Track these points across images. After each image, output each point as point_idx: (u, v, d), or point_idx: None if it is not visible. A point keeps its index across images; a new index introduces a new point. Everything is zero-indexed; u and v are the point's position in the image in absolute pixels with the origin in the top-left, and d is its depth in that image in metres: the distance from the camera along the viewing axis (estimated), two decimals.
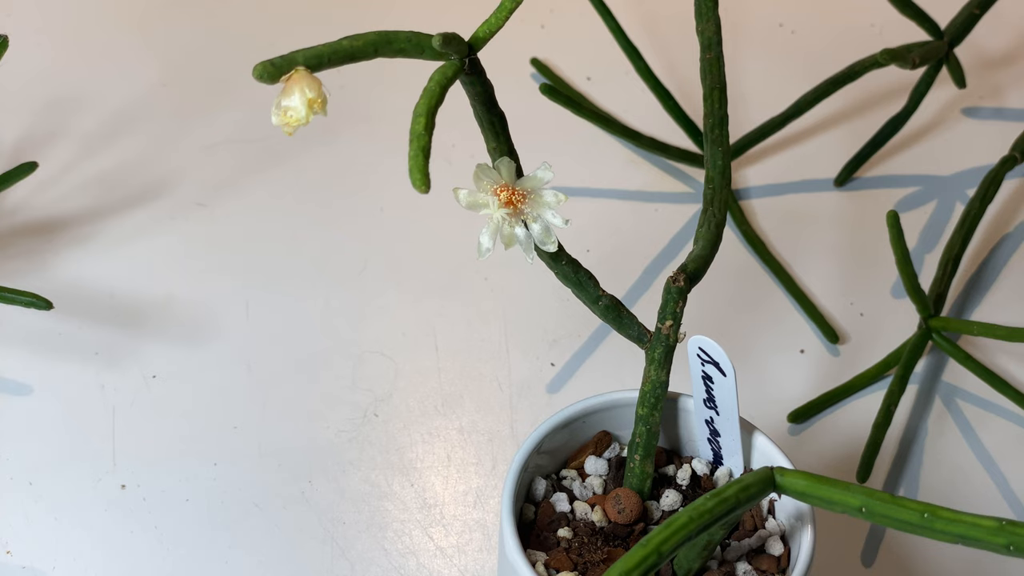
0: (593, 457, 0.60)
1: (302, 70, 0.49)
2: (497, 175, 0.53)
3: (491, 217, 0.52)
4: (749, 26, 0.92)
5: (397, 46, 0.52)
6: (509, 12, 0.53)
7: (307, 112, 0.49)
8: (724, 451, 0.60)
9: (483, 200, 0.52)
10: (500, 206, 0.52)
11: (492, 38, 0.52)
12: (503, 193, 0.52)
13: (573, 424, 0.60)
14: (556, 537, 0.58)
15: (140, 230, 0.81)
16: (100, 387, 0.74)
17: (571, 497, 0.59)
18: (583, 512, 0.58)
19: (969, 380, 0.75)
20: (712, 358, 0.55)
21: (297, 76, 0.49)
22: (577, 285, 0.57)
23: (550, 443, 0.60)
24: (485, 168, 0.52)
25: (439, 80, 0.51)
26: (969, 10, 0.81)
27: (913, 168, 0.86)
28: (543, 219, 0.53)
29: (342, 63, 0.50)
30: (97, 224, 0.81)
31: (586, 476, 0.60)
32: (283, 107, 0.49)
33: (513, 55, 0.91)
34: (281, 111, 0.49)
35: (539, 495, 0.59)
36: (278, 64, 0.48)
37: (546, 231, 0.53)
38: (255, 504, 0.69)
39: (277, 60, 0.48)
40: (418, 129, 0.50)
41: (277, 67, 0.48)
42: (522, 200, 0.53)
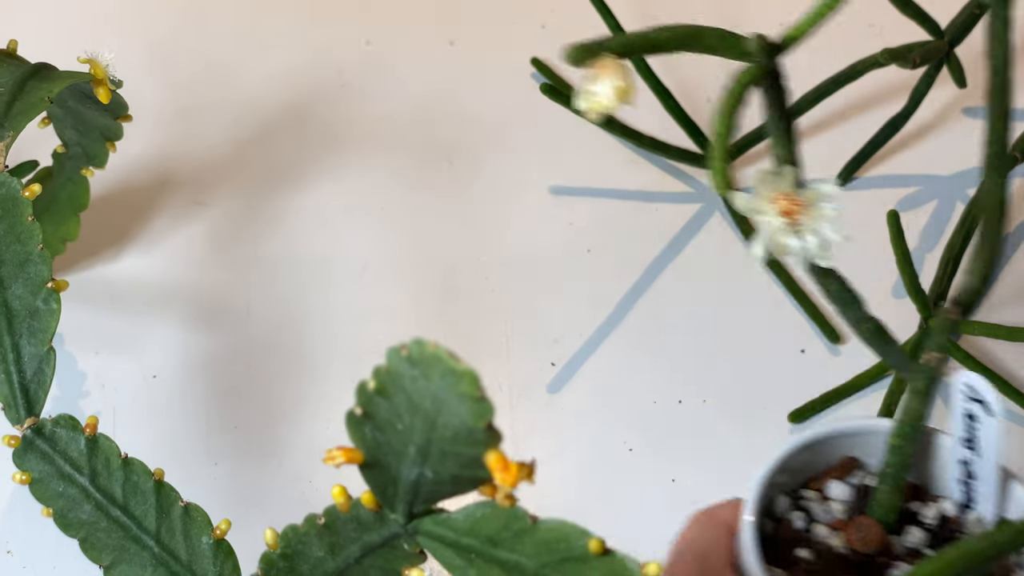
0: (836, 481, 0.59)
1: (612, 58, 0.50)
2: (778, 183, 0.52)
3: (767, 224, 0.52)
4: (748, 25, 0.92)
5: (706, 42, 0.52)
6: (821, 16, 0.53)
7: (615, 99, 0.49)
8: (978, 495, 0.58)
9: (761, 207, 0.52)
10: (777, 214, 0.52)
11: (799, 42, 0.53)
12: (782, 201, 0.52)
13: (818, 446, 0.59)
14: (795, 556, 0.57)
15: (139, 230, 0.81)
16: (100, 387, 0.74)
17: (809, 518, 0.59)
18: (822, 535, 0.57)
19: None
20: (979, 396, 0.54)
21: (606, 63, 0.50)
22: (843, 304, 0.56)
23: (793, 462, 0.59)
24: (767, 175, 0.52)
25: (743, 82, 0.52)
26: (970, 10, 0.81)
27: (913, 168, 0.86)
28: (820, 233, 0.52)
29: (650, 52, 0.51)
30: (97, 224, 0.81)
31: (827, 499, 0.59)
32: (591, 92, 0.49)
33: (513, 55, 0.90)
34: (588, 96, 0.49)
35: (779, 512, 0.59)
36: (589, 48, 0.49)
37: (822, 245, 0.52)
38: (255, 504, 0.69)
39: (589, 44, 0.48)
40: (720, 129, 0.50)
41: (589, 51, 0.48)
42: (800, 211, 0.52)
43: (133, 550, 0.49)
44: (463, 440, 0.44)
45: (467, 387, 0.43)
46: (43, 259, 0.50)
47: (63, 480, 0.49)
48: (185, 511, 0.50)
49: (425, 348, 0.44)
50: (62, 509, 0.49)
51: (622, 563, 0.46)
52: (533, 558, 0.46)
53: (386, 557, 0.49)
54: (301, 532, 0.49)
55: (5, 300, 0.50)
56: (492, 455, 0.44)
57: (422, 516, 0.48)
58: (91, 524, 0.50)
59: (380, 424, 0.46)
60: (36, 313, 0.50)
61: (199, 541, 0.50)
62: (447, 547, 0.47)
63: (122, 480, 0.50)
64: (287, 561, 0.50)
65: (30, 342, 0.49)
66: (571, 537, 0.46)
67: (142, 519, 0.49)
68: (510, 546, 0.46)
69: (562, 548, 0.46)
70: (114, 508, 0.49)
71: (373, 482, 0.47)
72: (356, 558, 0.49)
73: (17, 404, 0.49)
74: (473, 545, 0.47)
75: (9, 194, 0.51)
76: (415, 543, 0.48)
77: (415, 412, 0.44)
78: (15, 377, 0.49)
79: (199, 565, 0.50)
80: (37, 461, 0.49)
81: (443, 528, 0.47)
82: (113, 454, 0.49)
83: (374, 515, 0.48)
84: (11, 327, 0.49)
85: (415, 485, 0.46)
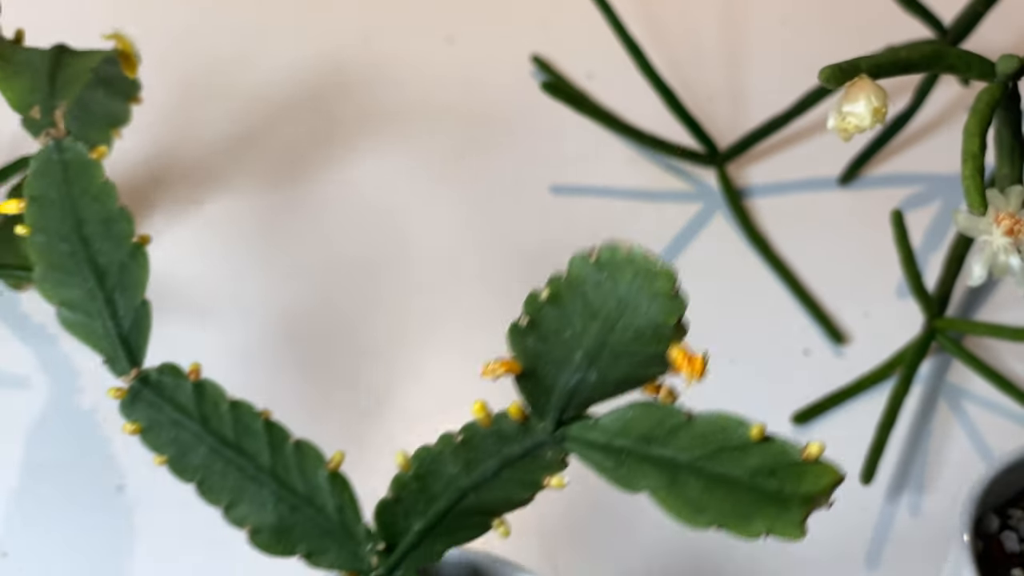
0: None
1: (866, 77, 0.50)
2: (1004, 202, 0.52)
3: (989, 244, 0.52)
4: (751, 22, 0.92)
5: (948, 61, 0.53)
6: None
7: (871, 119, 0.49)
8: None
9: (983, 226, 0.52)
10: (1001, 234, 0.52)
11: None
12: (1006, 221, 0.52)
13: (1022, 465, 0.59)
14: None
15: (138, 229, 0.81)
16: (98, 387, 0.73)
17: (1020, 537, 0.58)
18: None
19: (974, 381, 0.75)
20: None
21: (862, 83, 0.50)
22: None
23: (998, 481, 0.59)
24: (994, 194, 0.52)
25: (988, 101, 0.52)
26: (974, 7, 0.81)
27: (918, 167, 0.86)
28: None
29: (899, 73, 0.52)
30: None
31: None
32: (844, 112, 0.49)
33: (514, 52, 0.90)
34: (842, 116, 0.49)
35: (991, 530, 0.58)
36: (844, 69, 0.49)
37: None
38: None
39: (844, 65, 0.49)
40: (972, 149, 0.51)
41: (844, 72, 0.49)
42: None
43: (251, 488, 0.51)
44: (646, 339, 0.45)
45: (663, 285, 0.45)
46: (124, 216, 0.51)
47: (174, 426, 0.51)
48: (297, 447, 0.51)
49: (617, 252, 0.45)
50: (176, 455, 0.51)
51: (782, 447, 0.46)
52: (687, 451, 0.46)
53: (525, 468, 0.49)
54: (435, 452, 0.50)
55: (92, 257, 0.51)
56: (676, 350, 0.45)
57: (570, 423, 0.48)
58: (207, 467, 0.51)
59: (544, 333, 0.47)
60: (125, 268, 0.51)
61: (314, 474, 0.51)
62: (596, 450, 0.48)
63: (232, 422, 0.51)
64: (419, 482, 0.50)
65: (123, 296, 0.51)
66: (729, 428, 0.46)
67: (256, 457, 0.51)
68: (664, 442, 0.46)
69: (719, 439, 0.46)
70: (228, 449, 0.51)
71: (526, 392, 0.48)
72: (493, 471, 0.50)
73: (120, 357, 0.51)
74: (625, 445, 0.47)
75: (78, 157, 0.52)
76: (561, 450, 0.49)
77: (592, 317, 0.46)
78: (114, 331, 0.50)
79: (317, 497, 0.51)
80: (146, 410, 0.51)
81: (593, 432, 0.48)
82: (221, 397, 0.51)
83: (518, 427, 0.49)
84: (103, 283, 0.51)
85: (572, 392, 0.47)
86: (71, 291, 0.51)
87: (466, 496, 0.50)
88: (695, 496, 0.46)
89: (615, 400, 0.48)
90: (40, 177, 0.52)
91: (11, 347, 0.75)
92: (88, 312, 0.51)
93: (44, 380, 0.74)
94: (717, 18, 0.93)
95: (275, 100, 0.88)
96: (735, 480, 0.46)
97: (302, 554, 0.51)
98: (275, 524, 0.51)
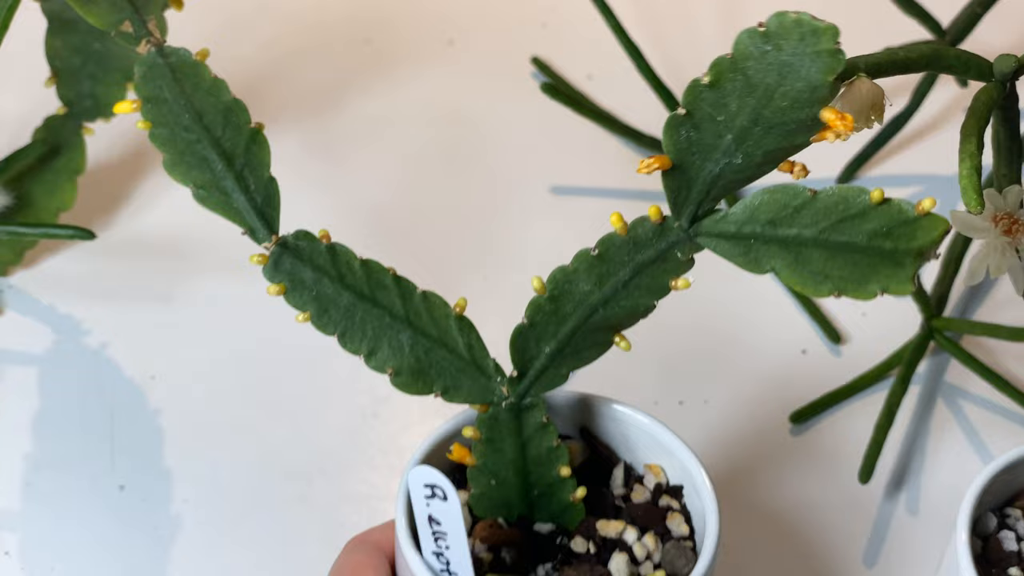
0: None
1: (864, 77, 0.50)
2: (1001, 202, 0.52)
3: (986, 244, 0.52)
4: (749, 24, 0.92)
5: (946, 62, 0.54)
6: None
7: (867, 118, 0.50)
8: None
9: (981, 225, 0.52)
10: (999, 234, 0.52)
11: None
12: (1004, 221, 0.52)
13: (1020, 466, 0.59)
14: (1007, 575, 0.57)
15: (138, 229, 0.81)
16: (100, 387, 0.73)
17: (1018, 537, 0.58)
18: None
19: (972, 381, 0.75)
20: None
21: (860, 83, 0.50)
22: None
23: (996, 481, 0.59)
24: (992, 194, 0.52)
25: (985, 102, 0.53)
26: (971, 8, 0.81)
27: (915, 167, 0.86)
28: None
29: (897, 73, 0.53)
30: (95, 223, 0.81)
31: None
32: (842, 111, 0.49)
33: (514, 54, 0.90)
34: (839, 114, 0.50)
35: (988, 530, 0.58)
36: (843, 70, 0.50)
37: None
38: (255, 504, 0.69)
39: None
40: (970, 149, 0.51)
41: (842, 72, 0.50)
42: (1022, 230, 0.52)
43: (388, 335, 0.55)
44: (801, 102, 0.48)
45: (827, 41, 0.47)
46: (240, 106, 0.56)
47: (314, 285, 0.55)
48: (424, 296, 0.56)
49: (785, 17, 0.47)
50: (317, 311, 0.55)
51: (899, 206, 0.49)
52: (811, 227, 0.50)
53: (654, 273, 0.54)
54: (570, 271, 0.54)
55: (218, 143, 0.55)
56: (828, 110, 0.48)
57: (703, 219, 0.52)
58: (346, 319, 0.55)
59: (698, 121, 0.50)
60: (249, 150, 0.55)
61: (443, 319, 0.56)
62: (726, 240, 0.52)
63: (365, 278, 0.55)
64: (553, 303, 0.55)
65: (252, 174, 0.55)
66: (849, 197, 0.50)
67: (390, 307, 0.55)
68: (789, 222, 0.50)
69: (840, 209, 0.50)
70: (364, 302, 0.55)
71: (670, 188, 0.52)
72: (624, 282, 0.54)
73: (259, 227, 0.55)
74: (753, 231, 0.51)
75: (183, 59, 0.56)
76: (691, 247, 0.53)
77: (750, 92, 0.48)
78: (249, 204, 0.55)
79: (448, 339, 0.55)
80: (287, 272, 0.55)
81: (723, 224, 0.52)
82: (352, 257, 0.56)
83: (653, 229, 0.53)
84: (232, 164, 0.55)
85: (714, 180, 0.51)
86: (202, 174, 0.55)
87: (595, 313, 0.54)
88: (818, 267, 0.50)
89: (751, 185, 0.51)
90: (149, 80, 0.56)
91: (11, 347, 0.75)
92: (223, 190, 0.55)
93: (44, 380, 0.74)
94: (716, 19, 0.93)
95: (274, 100, 0.88)
96: (854, 246, 0.50)
97: (439, 391, 0.56)
98: (413, 365, 0.55)
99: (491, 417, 0.56)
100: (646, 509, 0.57)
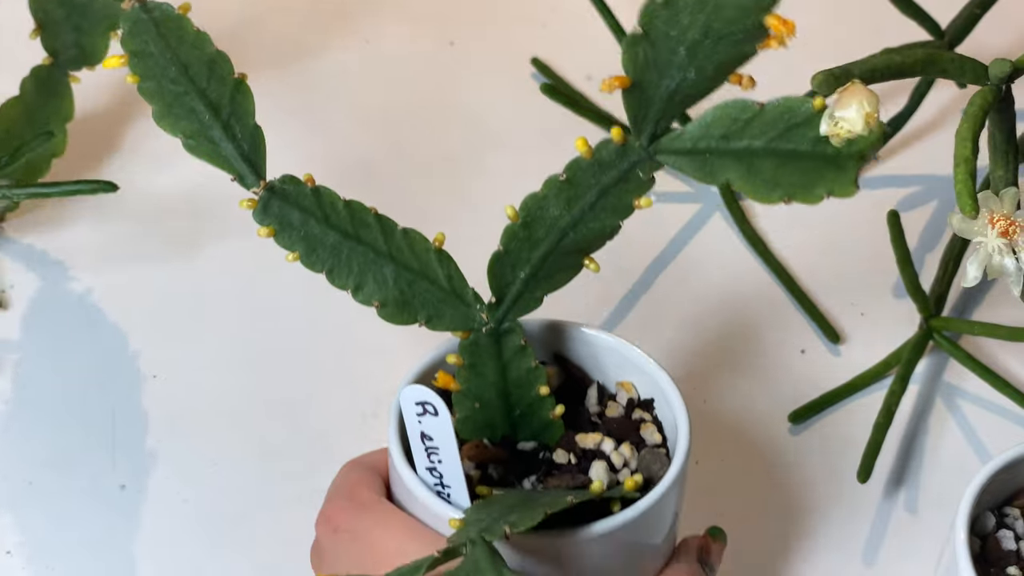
0: None
1: (858, 83, 0.50)
2: (998, 204, 0.52)
3: (983, 245, 0.52)
4: None
5: (941, 66, 0.55)
6: None
7: (863, 125, 0.50)
8: None
9: (977, 227, 0.52)
10: (995, 236, 0.52)
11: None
12: (1001, 223, 0.52)
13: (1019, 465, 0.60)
14: (1006, 574, 0.57)
15: (138, 228, 0.81)
16: (100, 387, 0.73)
17: (1016, 536, 0.59)
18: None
19: (970, 380, 0.75)
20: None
21: (854, 88, 0.50)
22: None
23: (995, 480, 0.59)
24: (988, 196, 0.52)
25: (981, 105, 0.54)
26: (970, 9, 0.81)
27: (914, 168, 0.86)
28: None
29: (893, 78, 0.54)
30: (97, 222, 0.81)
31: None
32: (837, 118, 0.50)
33: (513, 54, 0.90)
34: (833, 121, 0.50)
35: (987, 529, 0.59)
36: (837, 75, 0.51)
37: None
38: (255, 504, 0.69)
39: (836, 71, 0.51)
40: (965, 153, 0.52)
41: (836, 78, 0.51)
42: (1019, 232, 0.52)
43: (373, 270, 0.58)
44: (748, 9, 0.50)
45: None
46: (223, 57, 0.57)
47: (301, 226, 0.57)
48: (404, 233, 0.58)
49: None
50: (305, 250, 0.58)
51: None
52: (761, 137, 0.53)
53: (618, 194, 0.56)
54: (540, 197, 0.57)
55: (204, 94, 0.57)
56: (771, 16, 0.50)
57: (661, 137, 0.55)
58: (333, 257, 0.58)
59: (654, 39, 0.52)
60: (234, 100, 0.57)
61: (424, 253, 0.58)
62: (683, 156, 0.54)
63: (348, 217, 0.58)
64: (526, 230, 0.57)
65: (238, 123, 0.57)
66: (794, 107, 0.52)
67: (374, 244, 0.58)
68: (740, 135, 0.53)
69: (786, 119, 0.52)
70: (349, 240, 0.57)
71: (630, 106, 0.54)
72: (591, 204, 0.56)
73: (247, 173, 0.57)
74: (708, 146, 0.54)
75: (166, 13, 0.58)
76: (651, 166, 0.55)
77: (701, 8, 0.51)
78: (237, 152, 0.57)
79: (429, 271, 0.58)
80: (275, 215, 0.57)
81: (679, 141, 0.54)
82: (336, 198, 0.58)
83: (617, 150, 0.56)
84: (218, 114, 0.57)
85: (670, 97, 0.54)
86: (190, 124, 0.57)
87: (565, 236, 0.57)
88: (769, 176, 0.53)
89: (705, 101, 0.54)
90: (134, 35, 0.58)
91: (12, 346, 0.76)
92: (211, 139, 0.57)
93: (44, 380, 0.74)
94: None
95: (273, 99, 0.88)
96: (800, 153, 0.52)
97: (422, 321, 0.58)
98: (397, 298, 0.58)
99: (472, 343, 0.58)
100: (620, 422, 0.60)
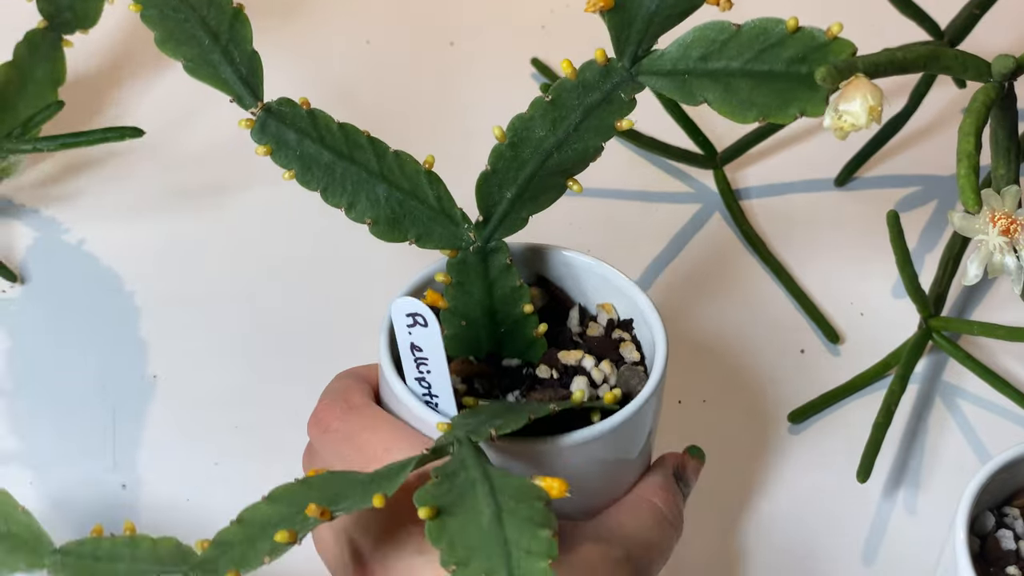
0: None
1: (862, 76, 0.50)
2: (999, 202, 0.52)
3: (984, 243, 0.52)
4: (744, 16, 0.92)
5: (943, 62, 0.55)
6: None
7: (867, 118, 0.50)
8: None
9: (978, 225, 0.52)
10: (996, 234, 0.52)
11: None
12: (1002, 220, 0.52)
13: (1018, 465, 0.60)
14: (1005, 574, 0.58)
15: (138, 229, 0.81)
16: (100, 387, 0.74)
17: (1016, 536, 0.59)
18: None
19: (970, 380, 0.75)
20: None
21: (858, 82, 0.50)
22: None
23: (994, 480, 0.59)
24: (989, 194, 0.52)
25: (983, 101, 0.54)
26: (969, 10, 0.81)
27: (913, 168, 0.86)
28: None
29: (896, 73, 0.54)
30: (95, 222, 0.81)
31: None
32: (840, 111, 0.50)
33: (513, 55, 0.90)
34: (837, 114, 0.50)
35: (986, 529, 0.59)
36: (841, 68, 0.51)
37: None
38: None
39: (840, 64, 0.51)
40: (968, 148, 0.52)
41: (840, 71, 0.51)
42: (1020, 231, 0.52)
43: (366, 188, 0.59)
44: None
45: None
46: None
47: (297, 145, 0.59)
48: (396, 155, 0.60)
49: None
50: (300, 169, 0.59)
51: (811, 33, 0.54)
52: (737, 58, 0.55)
53: (601, 115, 0.58)
54: (526, 118, 0.59)
55: (204, 21, 0.59)
56: None
57: (642, 59, 0.57)
58: (328, 175, 0.59)
59: None
60: (232, 27, 0.60)
61: (414, 174, 0.60)
62: (663, 77, 0.56)
63: (343, 138, 0.59)
64: (513, 150, 0.59)
65: (237, 48, 0.59)
66: (768, 27, 0.54)
67: (367, 164, 0.59)
68: (717, 56, 0.55)
69: (761, 40, 0.54)
70: (342, 160, 0.59)
71: (613, 27, 0.56)
72: (575, 125, 0.58)
73: (245, 94, 0.59)
74: (687, 67, 0.56)
75: None
76: (633, 87, 0.57)
77: None
78: (236, 75, 0.59)
79: (419, 191, 0.60)
80: (272, 135, 0.59)
81: (660, 62, 0.56)
82: (330, 120, 0.60)
83: (600, 71, 0.57)
84: (217, 39, 0.59)
85: (650, 18, 0.56)
86: (191, 49, 0.59)
87: (550, 157, 0.59)
88: (745, 96, 0.55)
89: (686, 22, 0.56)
90: None
91: (12, 346, 0.76)
92: (211, 63, 0.59)
93: (44, 381, 0.74)
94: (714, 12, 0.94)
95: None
96: (775, 74, 0.54)
97: (412, 239, 0.60)
98: (389, 216, 0.60)
99: (460, 261, 0.60)
100: (601, 341, 0.62)
